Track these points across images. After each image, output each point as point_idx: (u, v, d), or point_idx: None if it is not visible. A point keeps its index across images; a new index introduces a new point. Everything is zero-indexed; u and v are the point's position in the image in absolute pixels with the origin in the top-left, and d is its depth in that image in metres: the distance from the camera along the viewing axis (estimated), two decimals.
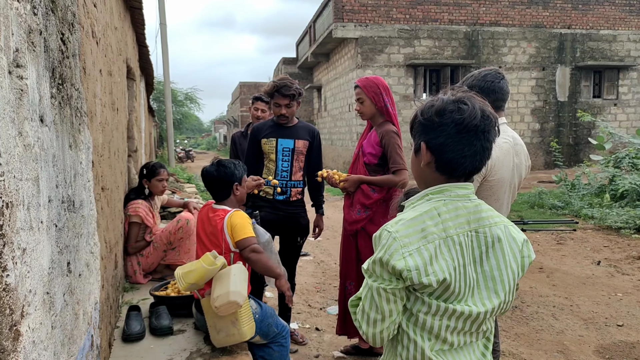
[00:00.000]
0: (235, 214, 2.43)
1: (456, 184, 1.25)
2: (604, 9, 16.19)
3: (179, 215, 3.69)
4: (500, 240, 1.25)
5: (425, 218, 1.21)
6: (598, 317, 3.97)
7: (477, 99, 1.25)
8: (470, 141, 1.21)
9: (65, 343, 1.39)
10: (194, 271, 2.22)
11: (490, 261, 1.24)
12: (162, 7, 13.41)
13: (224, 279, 2.21)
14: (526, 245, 1.30)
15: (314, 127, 3.45)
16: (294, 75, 22.76)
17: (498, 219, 1.28)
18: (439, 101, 1.25)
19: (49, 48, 1.30)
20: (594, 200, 8.40)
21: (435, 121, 1.23)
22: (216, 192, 2.53)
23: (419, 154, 1.29)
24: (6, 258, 0.92)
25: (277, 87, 3.19)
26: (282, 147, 3.27)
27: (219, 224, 2.40)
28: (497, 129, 1.27)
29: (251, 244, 2.35)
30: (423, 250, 1.17)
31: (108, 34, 2.78)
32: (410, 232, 1.19)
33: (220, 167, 2.51)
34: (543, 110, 16.11)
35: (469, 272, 1.22)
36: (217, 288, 2.20)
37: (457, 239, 1.21)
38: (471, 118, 1.20)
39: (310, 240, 6.83)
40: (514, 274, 1.26)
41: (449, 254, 1.19)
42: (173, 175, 10.19)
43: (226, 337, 2.30)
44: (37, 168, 1.15)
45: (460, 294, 1.21)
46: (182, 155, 27.65)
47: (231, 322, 2.27)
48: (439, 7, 15.17)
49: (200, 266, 2.21)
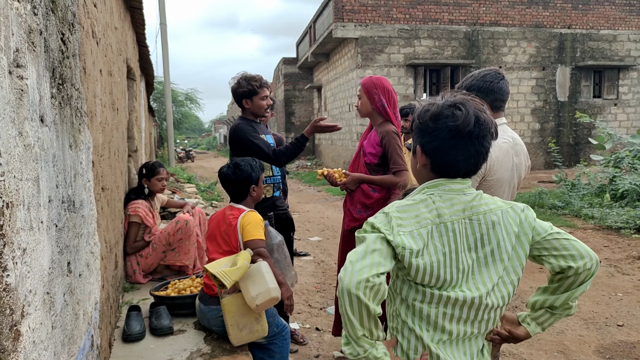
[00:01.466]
0: (248, 214, 2.47)
1: (452, 180, 1.29)
2: (604, 9, 16.18)
3: (178, 216, 3.70)
4: (495, 226, 1.27)
5: (420, 206, 1.25)
6: (598, 317, 3.97)
7: (473, 103, 1.27)
8: (464, 146, 1.24)
9: (66, 343, 1.39)
10: (239, 269, 2.21)
11: (485, 248, 1.26)
12: (162, 7, 13.41)
13: (256, 277, 2.23)
14: (525, 210, 1.31)
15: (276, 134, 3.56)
16: (294, 75, 22.77)
17: (494, 206, 1.29)
18: (434, 106, 1.27)
19: (49, 48, 1.30)
20: (594, 200, 8.40)
21: (430, 126, 1.26)
22: (234, 193, 2.59)
23: (416, 155, 1.34)
24: (6, 258, 0.92)
25: (262, 82, 3.20)
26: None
27: (232, 222, 2.45)
28: (494, 133, 1.29)
29: (258, 247, 2.37)
30: (415, 234, 1.21)
31: (108, 34, 2.78)
32: (405, 216, 1.23)
33: (236, 169, 2.55)
34: (543, 110, 16.11)
35: (462, 259, 1.24)
36: (252, 287, 2.22)
37: (451, 226, 1.24)
38: (465, 125, 1.22)
39: (310, 240, 6.84)
40: (509, 256, 1.27)
41: (440, 240, 1.23)
42: (173, 175, 10.20)
43: (249, 334, 2.33)
44: (37, 168, 1.15)
45: (452, 280, 1.23)
46: (182, 155, 27.64)
47: (255, 319, 2.31)
48: (439, 7, 15.16)
49: (244, 264, 2.23)
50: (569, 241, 1.26)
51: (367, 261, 1.15)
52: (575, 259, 1.24)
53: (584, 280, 1.27)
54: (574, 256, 1.24)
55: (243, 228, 2.41)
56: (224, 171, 2.59)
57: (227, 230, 2.46)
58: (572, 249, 1.25)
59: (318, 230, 7.62)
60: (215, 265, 2.29)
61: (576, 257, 1.24)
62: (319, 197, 11.75)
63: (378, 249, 1.17)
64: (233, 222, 2.45)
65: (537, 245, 1.28)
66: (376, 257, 1.16)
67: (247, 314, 2.30)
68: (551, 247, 1.26)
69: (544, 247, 1.27)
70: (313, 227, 7.95)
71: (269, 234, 2.59)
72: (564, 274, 1.27)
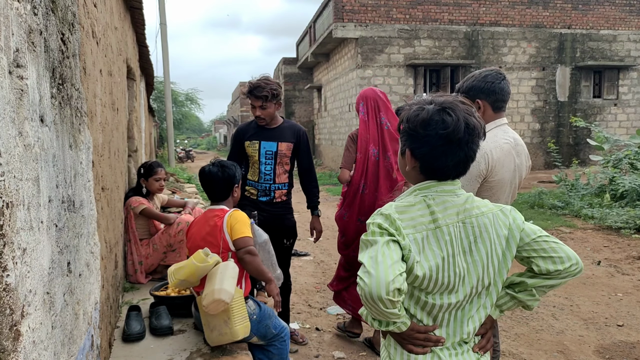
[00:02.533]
0: (235, 213, 2.44)
1: (442, 182, 1.31)
2: (604, 9, 16.18)
3: (179, 218, 3.70)
4: (487, 228, 1.28)
5: (415, 209, 1.26)
6: (598, 317, 3.97)
7: (462, 107, 1.27)
8: (454, 152, 1.25)
9: (65, 343, 1.39)
10: (184, 267, 2.23)
11: (480, 251, 1.28)
12: (162, 7, 13.41)
13: (214, 277, 2.20)
14: (512, 213, 1.33)
15: (299, 127, 3.38)
16: (294, 75, 22.76)
17: (486, 209, 1.31)
18: (424, 112, 1.27)
19: (49, 48, 1.30)
20: (594, 200, 8.40)
21: (420, 132, 1.26)
22: (217, 192, 2.54)
23: (404, 157, 1.35)
24: (6, 258, 0.92)
25: (252, 87, 3.12)
26: (265, 150, 3.21)
27: (218, 222, 2.41)
28: (482, 135, 1.30)
29: (247, 245, 2.36)
30: (411, 239, 1.22)
31: (108, 34, 2.78)
32: (403, 217, 1.24)
33: (224, 168, 2.53)
34: (543, 110, 16.10)
35: (458, 262, 1.26)
36: (207, 286, 2.21)
37: (447, 230, 1.25)
38: (455, 132, 1.23)
39: (309, 240, 6.84)
40: (499, 259, 1.29)
41: (437, 245, 1.24)
42: (173, 175, 10.19)
43: (219, 336, 2.29)
44: (37, 168, 1.15)
45: (449, 284, 1.25)
46: (182, 155, 27.65)
47: (224, 321, 2.26)
48: (439, 7, 15.16)
49: (190, 262, 2.22)
50: (557, 244, 1.29)
51: (388, 262, 1.14)
52: (563, 261, 1.27)
53: (564, 278, 1.31)
54: (562, 258, 1.27)
55: (231, 227, 2.38)
56: (210, 170, 2.52)
57: (211, 231, 2.41)
58: (560, 252, 1.28)
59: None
60: (178, 264, 2.32)
61: (564, 259, 1.27)
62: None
63: (392, 249, 1.17)
64: (218, 222, 2.41)
65: (526, 247, 1.30)
66: (394, 256, 1.16)
67: (216, 315, 2.25)
68: (540, 249, 1.29)
69: (533, 248, 1.29)
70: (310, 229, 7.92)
71: (255, 233, 2.58)
72: (549, 276, 1.30)
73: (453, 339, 1.31)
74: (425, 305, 1.27)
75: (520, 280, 1.36)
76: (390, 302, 1.12)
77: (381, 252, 1.16)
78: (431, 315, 1.29)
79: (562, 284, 1.32)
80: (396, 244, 1.19)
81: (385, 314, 1.16)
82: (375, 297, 1.12)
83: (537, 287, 1.32)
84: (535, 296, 1.35)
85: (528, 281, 1.33)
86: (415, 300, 1.28)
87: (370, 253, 1.17)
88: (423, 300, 1.27)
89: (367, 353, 3.37)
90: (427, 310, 1.28)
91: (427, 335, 1.28)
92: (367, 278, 1.13)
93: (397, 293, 1.12)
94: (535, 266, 1.29)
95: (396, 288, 1.12)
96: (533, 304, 1.37)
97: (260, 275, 2.40)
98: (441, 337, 1.29)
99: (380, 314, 1.18)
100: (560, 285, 1.33)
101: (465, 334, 1.31)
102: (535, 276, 1.32)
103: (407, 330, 1.27)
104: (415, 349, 1.28)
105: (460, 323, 1.31)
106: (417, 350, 1.28)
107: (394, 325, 1.25)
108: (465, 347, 1.32)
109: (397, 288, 1.12)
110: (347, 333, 3.57)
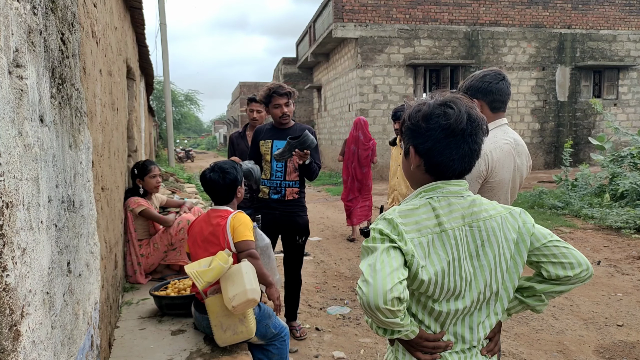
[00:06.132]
0: (238, 215, 2.45)
1: (448, 181, 1.27)
2: (604, 9, 16.18)
3: (180, 217, 3.70)
4: (495, 232, 1.25)
5: (420, 212, 1.23)
6: (598, 317, 3.97)
7: (463, 101, 1.26)
8: (458, 144, 1.23)
9: (65, 343, 1.39)
10: (213, 269, 2.21)
11: (487, 255, 1.25)
12: (162, 7, 13.40)
13: (236, 277, 2.21)
14: (522, 216, 1.31)
15: (309, 127, 3.49)
16: (294, 75, 22.77)
17: (494, 212, 1.28)
18: (425, 106, 1.25)
19: (48, 48, 1.30)
20: (594, 200, 8.40)
21: (422, 126, 1.24)
22: (221, 196, 2.55)
23: (408, 157, 1.32)
24: (6, 258, 0.92)
25: (273, 89, 3.36)
26: (277, 148, 3.35)
27: (221, 222, 2.42)
28: (485, 130, 1.28)
29: (249, 248, 2.36)
30: (416, 243, 1.19)
31: (108, 34, 2.78)
32: (407, 221, 1.21)
33: (225, 174, 2.51)
34: (543, 110, 16.10)
35: (464, 266, 1.22)
36: (231, 287, 2.20)
37: (452, 234, 1.22)
38: (457, 122, 1.21)
39: (310, 240, 6.84)
40: (507, 263, 1.26)
41: (443, 249, 1.21)
42: (173, 175, 10.19)
43: (233, 336, 2.30)
44: (37, 168, 1.15)
45: (456, 289, 1.22)
46: (182, 155, 27.66)
47: (239, 320, 2.29)
48: (439, 7, 15.16)
49: (218, 264, 2.21)
50: (568, 249, 1.26)
51: (387, 270, 1.11)
52: (573, 267, 1.25)
53: (573, 284, 1.28)
54: (572, 264, 1.25)
55: (234, 229, 2.38)
56: (211, 177, 2.52)
57: (214, 231, 2.42)
58: (571, 257, 1.25)
59: (318, 230, 7.62)
60: (194, 265, 2.29)
61: (574, 265, 1.25)
62: (318, 197, 11.75)
63: (392, 256, 1.13)
64: (222, 222, 2.41)
65: (536, 252, 1.27)
66: (394, 263, 1.12)
67: (231, 315, 2.27)
68: (550, 254, 1.26)
69: (543, 253, 1.27)
70: (313, 227, 7.94)
71: (257, 236, 2.58)
72: (559, 281, 1.28)
73: (462, 345, 1.28)
74: (432, 312, 1.24)
75: (529, 285, 1.33)
76: (390, 311, 1.09)
77: (380, 260, 1.13)
78: (439, 322, 1.26)
79: (571, 289, 1.30)
80: (397, 250, 1.15)
81: (387, 323, 1.14)
82: (373, 306, 1.09)
83: (546, 292, 1.30)
84: (544, 301, 1.32)
85: (537, 286, 1.31)
86: (422, 306, 1.25)
87: (369, 261, 1.14)
88: (430, 307, 1.24)
89: (366, 352, 3.37)
90: (434, 316, 1.25)
91: (436, 344, 1.25)
92: (365, 287, 1.11)
93: (397, 302, 1.09)
94: (545, 271, 1.27)
95: (395, 297, 1.08)
96: (541, 308, 1.34)
97: (261, 278, 2.40)
98: (449, 341, 1.27)
99: (381, 324, 1.16)
100: (570, 290, 1.31)
101: (475, 340, 1.28)
102: (544, 281, 1.30)
103: (416, 337, 1.24)
104: (424, 357, 1.26)
105: (470, 330, 1.28)
106: (425, 357, 1.26)
107: (399, 333, 1.21)
108: (473, 350, 1.29)
109: (396, 297, 1.08)
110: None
